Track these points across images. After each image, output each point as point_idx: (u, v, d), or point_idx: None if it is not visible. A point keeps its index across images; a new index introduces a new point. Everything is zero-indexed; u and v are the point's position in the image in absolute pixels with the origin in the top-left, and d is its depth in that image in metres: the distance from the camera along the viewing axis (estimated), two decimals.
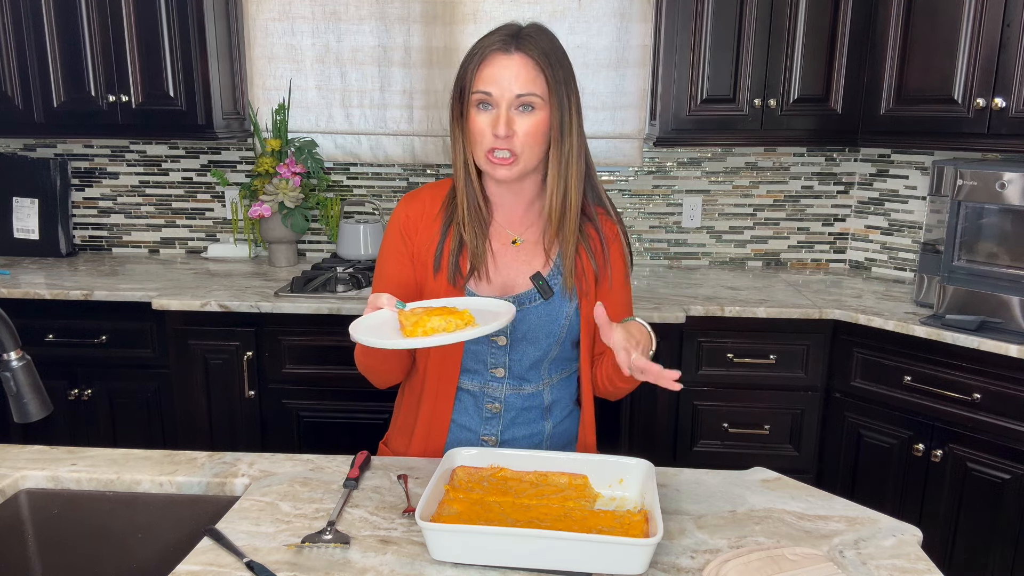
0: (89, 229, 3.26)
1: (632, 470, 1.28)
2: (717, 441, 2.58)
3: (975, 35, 2.31)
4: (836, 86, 2.64)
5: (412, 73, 2.99)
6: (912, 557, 1.15)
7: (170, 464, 1.40)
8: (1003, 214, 2.35)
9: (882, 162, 2.97)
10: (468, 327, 1.23)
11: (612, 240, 1.48)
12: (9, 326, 1.11)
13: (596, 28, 2.91)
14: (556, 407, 1.52)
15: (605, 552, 1.07)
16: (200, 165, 3.16)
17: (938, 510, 2.33)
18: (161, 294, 2.55)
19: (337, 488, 1.33)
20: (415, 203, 1.48)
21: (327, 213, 3.08)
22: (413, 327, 1.22)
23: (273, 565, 1.10)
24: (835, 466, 2.55)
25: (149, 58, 2.71)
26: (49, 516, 1.36)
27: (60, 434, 2.65)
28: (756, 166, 3.05)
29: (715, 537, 1.20)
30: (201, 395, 2.55)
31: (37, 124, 2.80)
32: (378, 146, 3.06)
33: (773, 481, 1.39)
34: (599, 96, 2.96)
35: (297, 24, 2.97)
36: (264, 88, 3.02)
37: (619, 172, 3.08)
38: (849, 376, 2.48)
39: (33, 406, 1.13)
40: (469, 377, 1.47)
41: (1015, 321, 2.22)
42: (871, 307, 2.50)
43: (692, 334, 2.51)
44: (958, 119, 2.38)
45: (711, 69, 2.65)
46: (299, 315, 2.49)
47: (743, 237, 3.12)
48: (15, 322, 1.14)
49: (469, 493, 1.24)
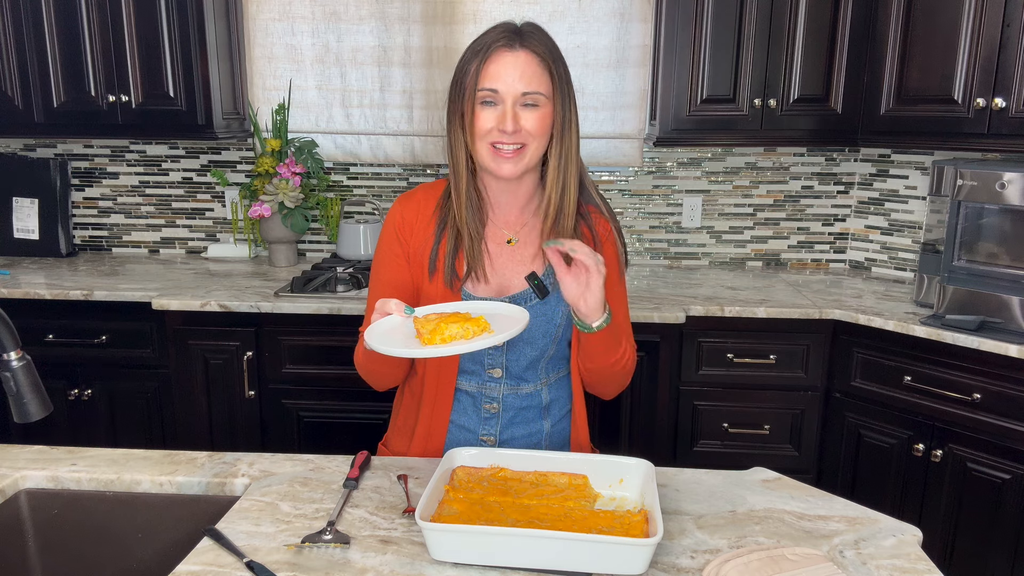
0: (89, 229, 3.26)
1: (632, 470, 1.28)
2: (717, 441, 2.58)
3: (975, 35, 2.31)
4: (836, 86, 2.64)
5: (412, 73, 2.99)
6: (912, 557, 1.15)
7: (170, 464, 1.40)
8: (1003, 214, 2.35)
9: (882, 162, 2.97)
10: (485, 333, 1.23)
11: (605, 238, 1.48)
12: (9, 326, 1.11)
13: (596, 28, 2.91)
14: (554, 406, 1.52)
15: (605, 552, 1.07)
16: (200, 165, 3.16)
17: (938, 510, 2.33)
18: (161, 294, 2.55)
19: (337, 488, 1.33)
20: (410, 204, 1.48)
21: (327, 213, 3.08)
22: (431, 335, 1.21)
23: (273, 565, 1.10)
24: (835, 466, 2.55)
25: (149, 58, 2.71)
26: (49, 516, 1.36)
27: (60, 434, 2.64)
28: (756, 166, 3.05)
29: (715, 537, 1.19)
30: (201, 395, 2.55)
31: (37, 124, 2.80)
32: (378, 146, 3.06)
33: (773, 481, 1.39)
34: (599, 96, 2.96)
35: (297, 24, 2.97)
36: (264, 88, 3.02)
37: (619, 172, 3.08)
38: (849, 376, 2.48)
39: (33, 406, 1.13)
40: (467, 378, 1.47)
41: (1015, 321, 2.22)
42: (871, 307, 2.50)
43: (692, 334, 2.51)
44: (958, 119, 2.37)
45: (711, 69, 2.65)
46: (299, 315, 2.49)
47: (743, 237, 3.12)
48: (15, 322, 1.14)
49: (469, 493, 1.24)
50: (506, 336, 1.21)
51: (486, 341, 1.20)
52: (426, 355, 1.20)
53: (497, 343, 1.20)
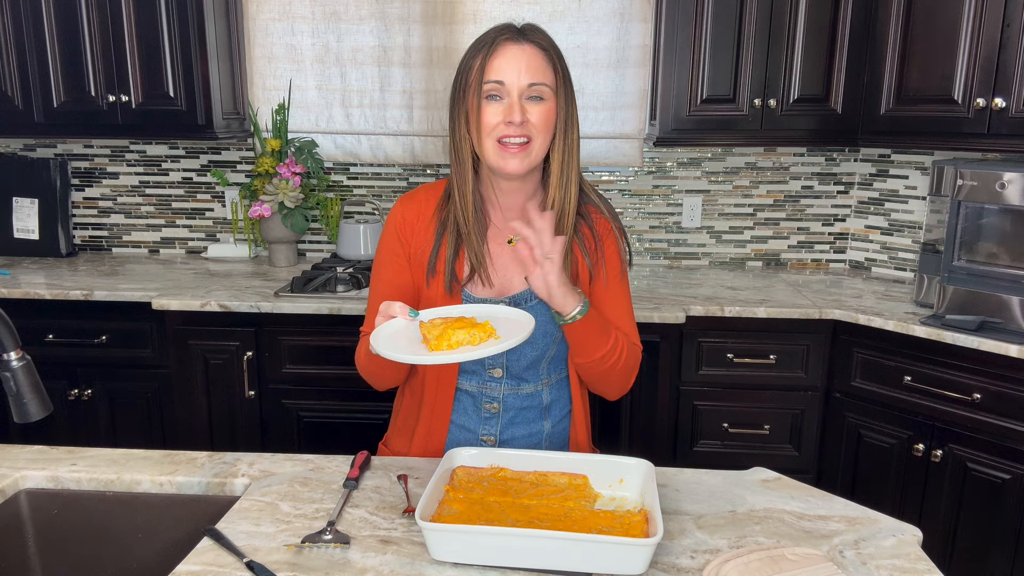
0: (89, 229, 3.26)
1: (632, 470, 1.28)
2: (717, 441, 2.58)
3: (975, 35, 2.31)
4: (836, 86, 2.64)
5: (412, 73, 2.99)
6: (912, 557, 1.15)
7: (170, 464, 1.40)
8: (1003, 214, 2.35)
9: (882, 162, 2.97)
10: (491, 339, 1.23)
11: (606, 236, 1.47)
12: (9, 326, 1.11)
13: (596, 28, 2.91)
14: (555, 407, 1.51)
15: (605, 552, 1.07)
16: (200, 165, 3.16)
17: (938, 510, 2.33)
18: (161, 294, 2.55)
19: (337, 488, 1.33)
20: (411, 204, 1.48)
21: (327, 213, 3.08)
22: (438, 340, 1.21)
23: (273, 565, 1.10)
24: (835, 466, 2.55)
25: (149, 58, 2.71)
26: (49, 516, 1.36)
27: (60, 434, 2.65)
28: (756, 166, 3.05)
29: (715, 537, 1.19)
30: (201, 395, 2.55)
31: (37, 124, 2.80)
32: (378, 146, 3.06)
33: (773, 481, 1.39)
34: (599, 96, 2.96)
35: (297, 24, 2.97)
36: (264, 88, 3.02)
37: (619, 172, 3.08)
38: (849, 376, 2.48)
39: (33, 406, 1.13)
40: (467, 378, 1.47)
41: (1015, 321, 2.22)
42: (871, 307, 2.50)
43: (692, 334, 2.51)
44: (958, 119, 2.37)
45: (711, 69, 2.65)
46: (299, 315, 2.49)
47: (743, 237, 3.12)
48: (15, 322, 1.14)
49: (469, 493, 1.24)
50: (513, 343, 1.21)
51: (493, 348, 1.20)
52: (434, 362, 1.19)
53: (504, 349, 1.20)
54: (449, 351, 1.20)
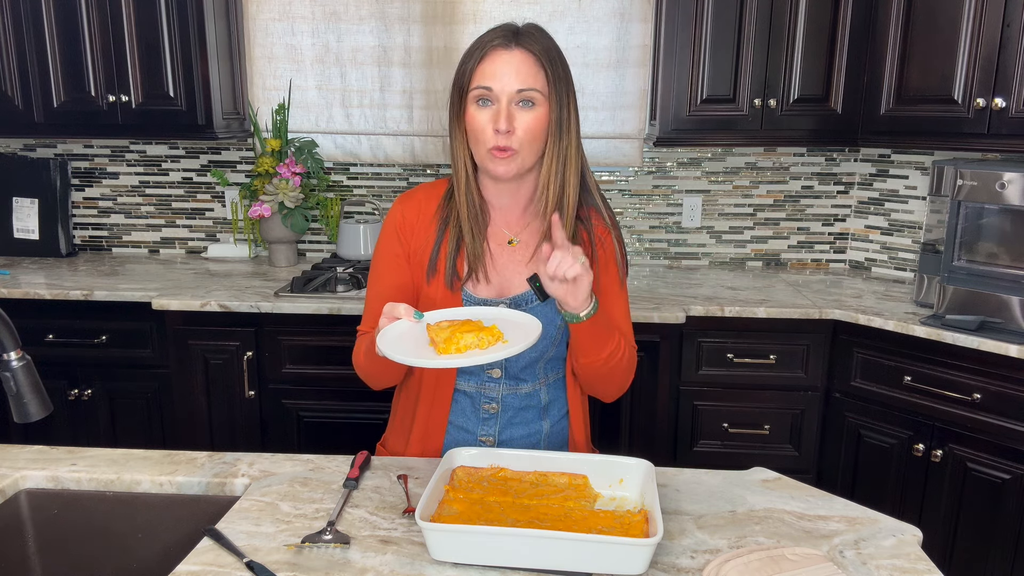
0: (89, 229, 3.26)
1: (632, 470, 1.28)
2: (717, 441, 2.58)
3: (975, 35, 2.31)
4: (836, 86, 2.64)
5: (412, 73, 2.99)
6: (912, 557, 1.15)
7: (170, 464, 1.40)
8: (1003, 214, 2.35)
9: (882, 162, 2.97)
10: (499, 343, 1.22)
11: (606, 238, 1.47)
12: (9, 326, 1.11)
13: (596, 28, 2.91)
14: (553, 407, 1.51)
15: (605, 552, 1.07)
16: (200, 165, 3.16)
17: (938, 510, 2.33)
18: (161, 294, 2.55)
19: (337, 488, 1.33)
20: (411, 203, 1.48)
21: (327, 213, 3.08)
22: (446, 344, 1.21)
23: (273, 565, 1.10)
24: (835, 466, 2.55)
25: (149, 58, 2.71)
26: (49, 516, 1.36)
27: (60, 434, 2.65)
28: (756, 166, 3.05)
29: (715, 537, 1.20)
30: (201, 395, 2.55)
31: (37, 124, 2.80)
32: (378, 146, 3.06)
33: (773, 481, 1.39)
34: (599, 96, 2.96)
35: (297, 24, 2.97)
36: (264, 88, 3.02)
37: (619, 172, 3.08)
38: (849, 376, 2.48)
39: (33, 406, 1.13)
40: (466, 378, 1.47)
41: (1015, 321, 2.22)
42: (871, 307, 2.50)
43: (692, 334, 2.51)
44: (958, 119, 2.37)
45: (711, 69, 2.65)
46: (299, 315, 2.49)
47: (743, 237, 3.12)
48: (15, 322, 1.14)
49: (469, 493, 1.24)
50: (522, 347, 1.20)
51: (503, 352, 1.19)
52: (444, 365, 1.19)
53: (514, 354, 1.20)
54: (458, 355, 1.20)
